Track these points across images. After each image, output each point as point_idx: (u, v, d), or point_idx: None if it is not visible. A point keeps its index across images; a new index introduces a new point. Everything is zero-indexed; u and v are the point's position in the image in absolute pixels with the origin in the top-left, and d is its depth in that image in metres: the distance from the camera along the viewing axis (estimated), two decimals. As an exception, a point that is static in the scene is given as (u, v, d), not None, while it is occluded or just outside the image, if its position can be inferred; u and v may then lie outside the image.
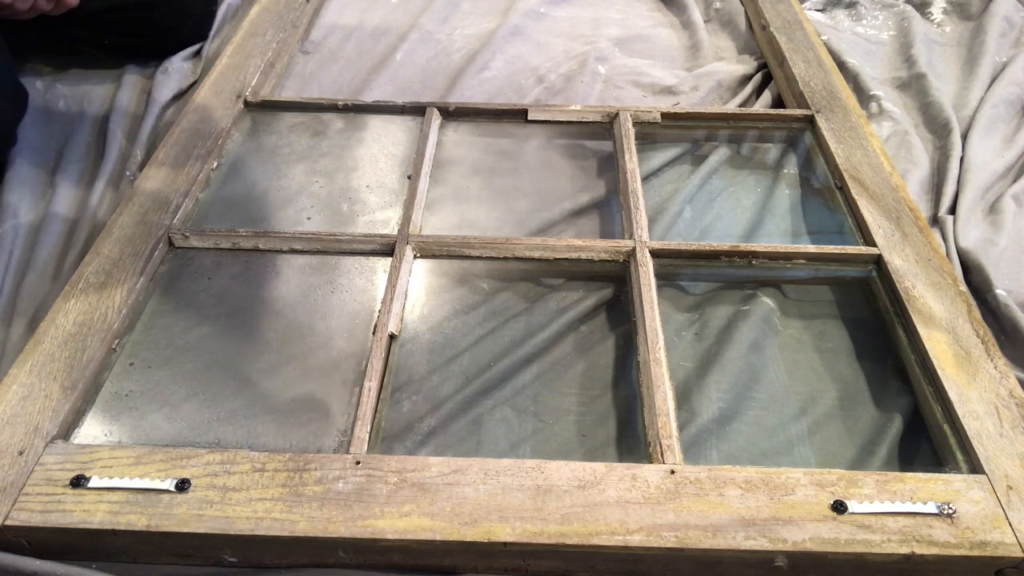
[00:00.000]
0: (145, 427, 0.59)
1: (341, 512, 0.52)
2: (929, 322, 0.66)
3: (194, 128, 0.87)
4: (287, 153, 0.87)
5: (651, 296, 0.68)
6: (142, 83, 1.02)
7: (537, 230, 0.78)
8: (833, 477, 0.54)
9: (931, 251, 0.73)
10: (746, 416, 0.61)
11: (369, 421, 0.58)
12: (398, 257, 0.72)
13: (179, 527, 0.51)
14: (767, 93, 1.03)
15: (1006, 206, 0.85)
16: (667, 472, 0.54)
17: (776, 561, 0.51)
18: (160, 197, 0.77)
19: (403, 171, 0.84)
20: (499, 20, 1.21)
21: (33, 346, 0.62)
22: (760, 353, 0.66)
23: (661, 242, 0.74)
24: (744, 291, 0.71)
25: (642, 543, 0.50)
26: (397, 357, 0.65)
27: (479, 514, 0.52)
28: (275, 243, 0.74)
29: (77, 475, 0.53)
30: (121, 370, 0.63)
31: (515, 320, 0.68)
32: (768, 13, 1.12)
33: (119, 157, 0.90)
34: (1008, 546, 0.51)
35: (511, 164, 0.86)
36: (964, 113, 0.99)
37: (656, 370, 0.62)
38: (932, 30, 1.19)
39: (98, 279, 0.68)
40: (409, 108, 0.93)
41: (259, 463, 0.54)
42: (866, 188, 0.80)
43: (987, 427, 0.58)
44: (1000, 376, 0.61)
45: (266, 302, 0.70)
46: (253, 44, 1.03)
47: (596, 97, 1.05)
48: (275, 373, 0.64)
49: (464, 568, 0.53)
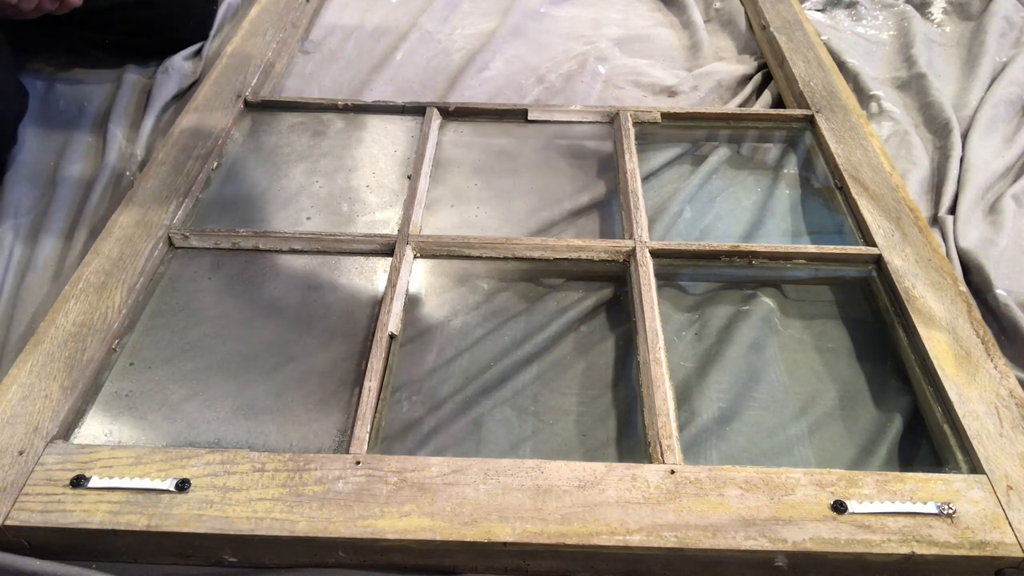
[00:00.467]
0: (145, 427, 0.59)
1: (341, 512, 0.52)
2: (929, 322, 0.66)
3: (194, 128, 0.87)
4: (287, 153, 0.87)
5: (651, 296, 0.68)
6: (142, 83, 1.02)
7: (537, 230, 0.78)
8: (833, 477, 0.54)
9: (931, 251, 0.73)
10: (746, 416, 0.61)
11: (369, 421, 0.58)
12: (398, 257, 0.72)
13: (179, 527, 0.51)
14: (767, 93, 1.03)
15: (1006, 206, 0.85)
16: (667, 472, 0.54)
17: (776, 561, 0.51)
18: (160, 197, 0.77)
19: (403, 171, 0.84)
20: (499, 20, 1.21)
21: (33, 346, 0.62)
22: (760, 353, 0.66)
23: (661, 242, 0.74)
24: (744, 291, 0.71)
25: (642, 543, 0.50)
26: (397, 357, 0.65)
27: (479, 514, 0.52)
28: (275, 243, 0.74)
29: (77, 475, 0.53)
30: (121, 370, 0.63)
31: (515, 320, 0.68)
32: (768, 13, 1.12)
33: (119, 157, 0.90)
34: (1008, 546, 0.51)
35: (511, 164, 0.86)
36: (964, 113, 0.99)
37: (656, 370, 0.62)
38: (932, 30, 1.19)
39: (98, 279, 0.68)
40: (409, 108, 0.93)
41: (259, 463, 0.54)
42: (866, 188, 0.80)
43: (987, 427, 0.58)
44: (1000, 376, 0.61)
45: (266, 302, 0.70)
46: (253, 44, 1.03)
47: (596, 97, 1.05)
48: (275, 373, 0.64)
49: (464, 568, 0.53)
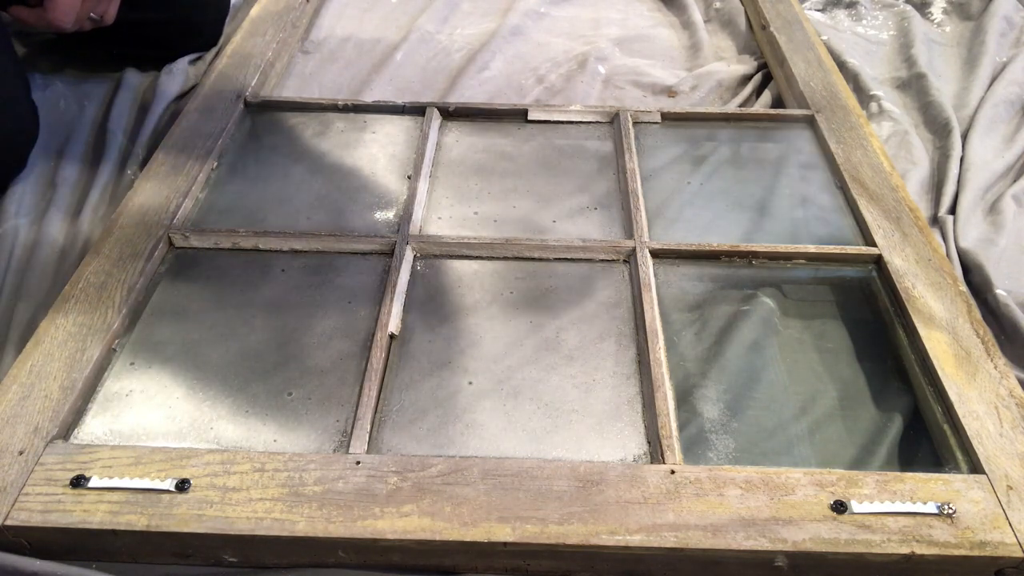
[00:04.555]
0: (145, 427, 0.59)
1: (341, 512, 0.52)
2: (929, 322, 0.66)
3: (194, 128, 0.87)
4: (287, 153, 0.87)
5: (651, 296, 0.68)
6: (143, 83, 1.02)
7: (537, 230, 0.78)
8: (833, 477, 0.54)
9: (931, 251, 0.73)
10: (746, 416, 0.61)
11: (369, 421, 0.58)
12: (398, 257, 0.72)
13: (179, 527, 0.51)
14: (767, 93, 1.03)
15: (1006, 206, 0.85)
16: (667, 472, 0.54)
17: (776, 561, 0.51)
18: (160, 197, 0.77)
19: (403, 171, 0.84)
20: (499, 20, 1.21)
21: (33, 346, 0.62)
22: (760, 353, 0.66)
23: (661, 242, 0.74)
24: (744, 291, 0.71)
25: (642, 543, 0.50)
26: (397, 357, 0.65)
27: (479, 514, 0.52)
28: (275, 243, 0.74)
29: (77, 475, 0.53)
30: (121, 370, 0.63)
31: (515, 320, 0.68)
32: (768, 13, 1.12)
33: (119, 157, 0.90)
34: (1008, 546, 0.51)
35: (511, 164, 0.86)
36: (964, 113, 0.99)
37: (656, 370, 0.62)
38: (932, 30, 1.19)
39: (98, 279, 0.68)
40: (409, 108, 0.93)
41: (259, 463, 0.54)
42: (866, 188, 0.80)
43: (987, 427, 0.58)
44: (1000, 376, 0.61)
45: (266, 302, 0.70)
46: (253, 44, 1.03)
47: (596, 97, 1.05)
48: (275, 373, 0.64)
49: (464, 568, 0.53)
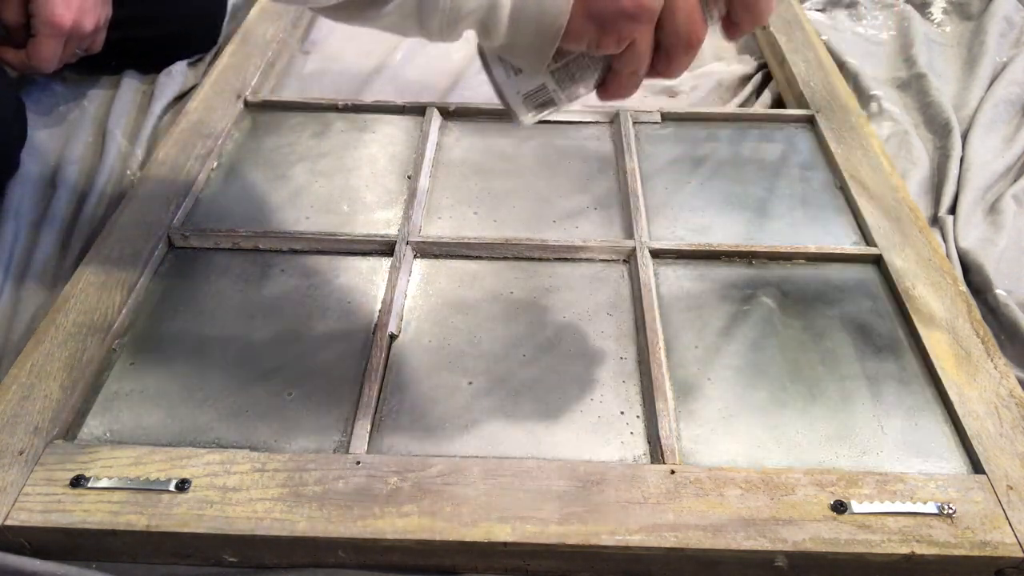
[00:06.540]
0: (145, 427, 0.59)
1: (341, 512, 0.52)
2: (929, 322, 0.66)
3: (194, 128, 0.87)
4: (287, 153, 0.87)
5: (651, 296, 0.68)
6: (142, 84, 1.02)
7: (537, 230, 0.78)
8: (833, 477, 0.54)
9: (931, 251, 0.73)
10: (746, 416, 0.61)
11: (369, 421, 0.58)
12: (398, 257, 0.72)
13: (179, 527, 0.51)
14: (767, 93, 1.03)
15: (1006, 206, 0.85)
16: (667, 472, 0.54)
17: (776, 561, 0.51)
18: (160, 197, 0.77)
19: (403, 171, 0.84)
20: (499, 20, 1.20)
21: (33, 346, 0.62)
22: (760, 353, 0.66)
23: (661, 242, 0.74)
24: (744, 291, 0.71)
25: (642, 543, 0.50)
26: (397, 357, 0.65)
27: (479, 514, 0.52)
28: (275, 243, 0.74)
29: (77, 475, 0.53)
30: (121, 370, 0.63)
31: (515, 320, 0.68)
32: (768, 13, 1.12)
33: (119, 157, 0.90)
34: (1008, 546, 0.51)
35: (511, 164, 0.86)
36: (964, 113, 0.99)
37: (656, 370, 0.62)
38: (932, 30, 1.19)
39: (98, 279, 0.68)
40: (409, 108, 0.93)
41: (259, 463, 0.54)
42: (866, 188, 0.80)
43: (987, 427, 0.58)
44: (1000, 376, 0.61)
45: (266, 302, 0.69)
46: (253, 44, 1.03)
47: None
48: (275, 373, 0.64)
49: (464, 568, 0.53)
